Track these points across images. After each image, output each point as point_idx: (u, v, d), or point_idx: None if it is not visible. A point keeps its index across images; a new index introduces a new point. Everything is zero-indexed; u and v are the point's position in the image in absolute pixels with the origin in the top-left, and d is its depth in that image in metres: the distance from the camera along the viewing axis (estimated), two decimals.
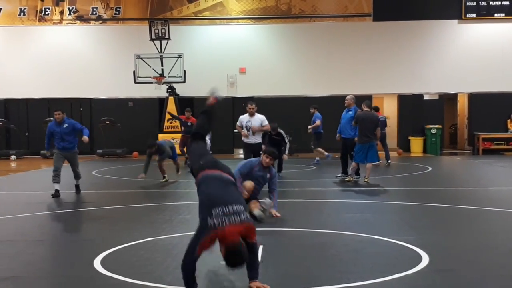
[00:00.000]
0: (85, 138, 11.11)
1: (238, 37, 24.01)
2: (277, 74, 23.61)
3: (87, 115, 23.87)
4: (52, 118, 13.08)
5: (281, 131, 14.23)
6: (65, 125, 11.36)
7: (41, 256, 6.39)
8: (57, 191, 11.02)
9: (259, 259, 5.92)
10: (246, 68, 23.83)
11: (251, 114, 12.25)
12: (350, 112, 13.28)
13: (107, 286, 5.13)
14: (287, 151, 14.25)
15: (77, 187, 11.75)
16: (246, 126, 12.16)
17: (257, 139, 12.25)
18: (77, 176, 11.75)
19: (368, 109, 12.94)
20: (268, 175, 8.39)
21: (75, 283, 5.28)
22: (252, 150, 12.00)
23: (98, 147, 23.02)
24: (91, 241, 7.02)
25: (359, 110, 13.08)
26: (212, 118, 5.99)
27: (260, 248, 6.35)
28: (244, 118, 12.34)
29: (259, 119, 12.22)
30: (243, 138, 12.33)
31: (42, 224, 8.45)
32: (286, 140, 14.29)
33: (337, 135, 13.75)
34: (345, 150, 13.50)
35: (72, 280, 5.38)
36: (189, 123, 17.70)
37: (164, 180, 13.26)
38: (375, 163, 12.86)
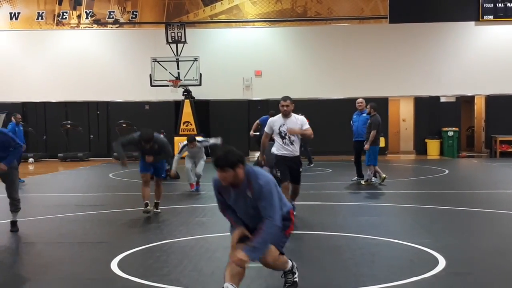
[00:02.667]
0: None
1: (253, 40, 24.05)
2: (293, 77, 23.60)
3: (104, 118, 24.04)
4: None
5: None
6: None
7: (59, 258, 6.45)
8: None
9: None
10: (261, 71, 23.85)
11: (286, 115, 8.56)
12: (364, 115, 13.24)
13: None
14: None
15: (13, 223, 8.00)
16: (280, 132, 8.48)
17: (296, 149, 8.62)
18: (13, 203, 7.96)
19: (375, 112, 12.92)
20: None
21: (93, 285, 5.33)
22: (290, 166, 8.51)
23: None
24: (108, 244, 7.08)
25: (373, 114, 12.94)
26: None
27: None
28: (276, 121, 8.59)
29: (299, 121, 8.62)
30: (274, 149, 8.66)
31: (60, 226, 8.53)
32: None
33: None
34: (359, 153, 13.45)
35: (89, 282, 5.42)
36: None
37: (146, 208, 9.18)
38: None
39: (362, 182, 13.11)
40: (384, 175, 12.92)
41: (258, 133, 18.71)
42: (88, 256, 6.50)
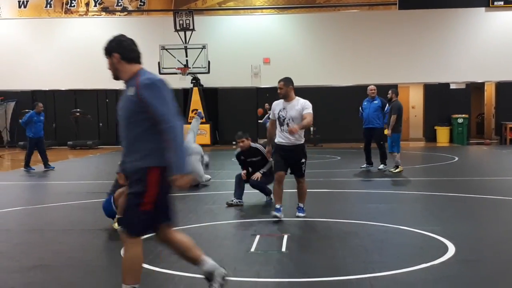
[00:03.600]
0: None
1: (262, 27, 23.97)
2: (302, 64, 23.52)
3: (113, 106, 24.09)
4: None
5: None
6: None
7: (70, 245, 6.50)
8: None
9: (283, 248, 5.95)
10: (270, 58, 23.80)
11: (284, 98, 7.67)
12: (376, 102, 13.18)
13: None
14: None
15: None
16: (279, 117, 7.62)
17: (298, 138, 7.61)
18: None
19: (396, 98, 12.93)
20: None
21: (103, 272, 5.37)
22: (288, 157, 7.63)
23: None
24: (117, 231, 7.12)
25: (394, 99, 12.88)
26: None
27: (285, 238, 6.39)
28: (277, 105, 7.75)
29: (299, 105, 7.63)
30: (277, 139, 7.69)
31: (70, 214, 8.59)
32: None
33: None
34: (369, 140, 13.41)
35: (100, 269, 5.47)
36: None
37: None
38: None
39: (392, 170, 12.76)
40: (401, 168, 12.76)
41: (261, 121, 18.66)
42: (99, 243, 6.54)
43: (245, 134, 9.03)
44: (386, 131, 12.79)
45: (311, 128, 22.65)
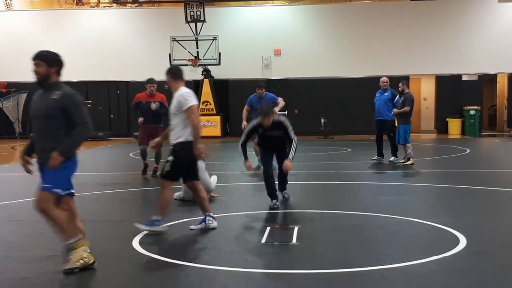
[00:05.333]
0: None
1: (273, 18, 23.90)
2: (313, 55, 23.45)
3: (124, 97, 24.16)
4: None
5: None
6: None
7: None
8: None
9: (294, 240, 5.96)
10: (281, 49, 23.74)
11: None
12: (386, 94, 13.13)
13: (145, 264, 5.23)
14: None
15: None
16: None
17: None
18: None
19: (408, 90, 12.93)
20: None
21: (115, 262, 5.40)
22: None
23: (134, 129, 23.32)
24: (129, 222, 7.14)
25: (406, 91, 12.88)
26: None
27: (296, 229, 6.40)
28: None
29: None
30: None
31: (81, 205, 8.61)
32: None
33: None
34: (381, 132, 13.37)
35: (112, 259, 5.49)
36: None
37: None
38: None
39: (404, 162, 12.77)
40: (413, 160, 12.71)
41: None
42: (110, 234, 6.57)
43: (270, 109, 7.75)
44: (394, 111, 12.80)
45: (322, 120, 22.62)
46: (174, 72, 6.57)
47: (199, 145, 6.26)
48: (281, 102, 12.04)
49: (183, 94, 6.38)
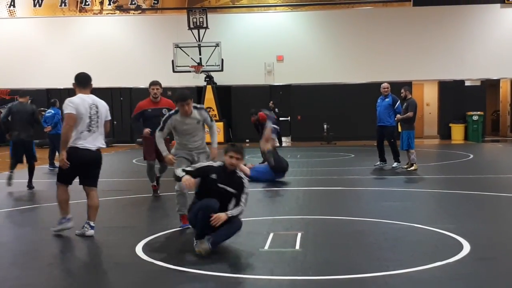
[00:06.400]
0: None
1: (275, 24, 23.96)
2: (315, 61, 23.48)
3: (127, 104, 24.21)
4: None
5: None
6: None
7: (85, 242, 6.54)
8: None
9: (297, 246, 5.95)
10: (283, 56, 23.78)
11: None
12: (387, 100, 13.13)
13: (149, 271, 5.23)
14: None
15: None
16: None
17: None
18: None
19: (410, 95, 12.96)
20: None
21: (119, 269, 5.40)
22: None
23: (137, 136, 23.35)
24: (132, 228, 7.16)
25: (409, 96, 12.91)
26: None
27: (299, 235, 6.39)
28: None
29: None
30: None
31: (85, 211, 8.63)
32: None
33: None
34: (382, 138, 13.37)
35: (115, 266, 5.49)
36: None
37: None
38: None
39: (407, 167, 12.77)
40: (416, 166, 12.71)
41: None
42: (114, 240, 6.57)
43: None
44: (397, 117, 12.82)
45: (325, 126, 22.64)
46: (76, 78, 6.94)
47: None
48: (268, 130, 12.04)
49: (66, 101, 6.63)
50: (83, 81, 6.84)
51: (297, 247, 5.94)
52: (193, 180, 5.82)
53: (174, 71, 22.19)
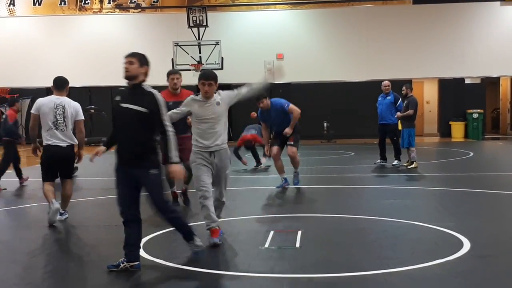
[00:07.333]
0: None
1: (275, 22, 23.92)
2: (315, 59, 23.45)
3: None
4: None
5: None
6: None
7: (85, 241, 6.56)
8: None
9: (297, 244, 5.96)
10: (283, 54, 23.74)
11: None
12: (389, 98, 13.14)
13: (150, 269, 5.23)
14: None
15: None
16: None
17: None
18: None
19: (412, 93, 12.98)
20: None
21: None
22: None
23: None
24: None
25: (410, 94, 12.90)
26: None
27: (299, 233, 6.39)
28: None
29: None
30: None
31: (85, 210, 8.65)
32: None
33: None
34: (384, 136, 13.37)
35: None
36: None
37: None
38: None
39: (407, 165, 12.73)
40: (416, 164, 12.70)
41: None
42: (114, 239, 6.57)
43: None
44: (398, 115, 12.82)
45: (325, 124, 22.64)
46: (54, 81, 7.70)
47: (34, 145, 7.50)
48: (294, 110, 9.84)
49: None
50: (58, 84, 7.64)
51: (297, 245, 5.95)
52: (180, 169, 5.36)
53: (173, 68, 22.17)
